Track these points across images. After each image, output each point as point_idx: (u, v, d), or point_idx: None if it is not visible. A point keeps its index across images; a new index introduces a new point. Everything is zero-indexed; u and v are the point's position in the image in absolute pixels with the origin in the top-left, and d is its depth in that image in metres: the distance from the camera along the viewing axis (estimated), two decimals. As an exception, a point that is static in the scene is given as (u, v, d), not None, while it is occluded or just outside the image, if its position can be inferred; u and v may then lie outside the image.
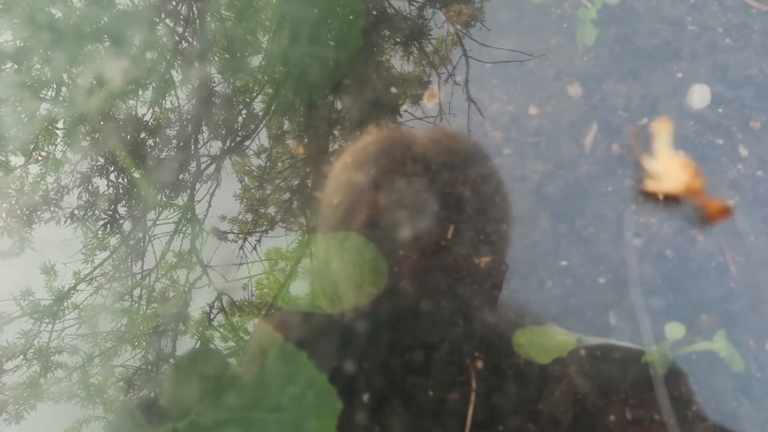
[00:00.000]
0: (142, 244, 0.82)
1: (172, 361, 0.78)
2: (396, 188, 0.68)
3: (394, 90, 0.79)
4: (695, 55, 0.72)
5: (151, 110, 0.84)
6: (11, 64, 0.81)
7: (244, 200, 0.81)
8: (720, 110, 0.70)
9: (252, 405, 0.56)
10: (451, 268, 0.66)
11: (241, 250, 0.80)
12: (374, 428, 0.61)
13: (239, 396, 0.57)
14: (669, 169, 0.66)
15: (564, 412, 0.60)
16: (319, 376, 0.55)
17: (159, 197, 0.81)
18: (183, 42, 0.86)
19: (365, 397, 0.62)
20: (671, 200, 0.66)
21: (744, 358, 0.62)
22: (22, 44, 0.80)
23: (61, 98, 0.82)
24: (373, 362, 0.64)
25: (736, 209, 0.66)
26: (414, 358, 0.64)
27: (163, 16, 0.85)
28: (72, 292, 0.81)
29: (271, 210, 0.81)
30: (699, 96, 0.70)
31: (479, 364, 0.63)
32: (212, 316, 0.79)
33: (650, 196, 0.67)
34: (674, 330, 0.63)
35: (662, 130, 0.68)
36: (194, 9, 0.86)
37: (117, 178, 0.83)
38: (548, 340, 0.62)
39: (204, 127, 0.83)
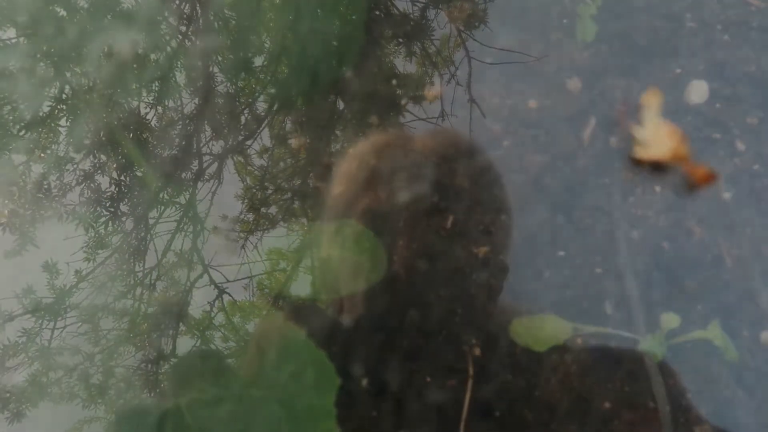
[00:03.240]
0: (144, 242, 0.82)
1: (173, 360, 0.78)
2: (395, 178, 0.68)
3: (395, 87, 0.79)
4: (694, 51, 0.72)
5: (154, 109, 0.85)
6: (14, 61, 0.81)
7: (246, 199, 0.82)
8: (718, 106, 0.70)
9: (252, 382, 0.56)
10: (450, 257, 0.66)
11: (243, 249, 0.80)
12: (372, 413, 0.62)
13: (239, 374, 0.57)
14: (656, 136, 0.67)
15: (560, 399, 0.61)
16: (317, 353, 0.55)
17: (161, 195, 0.82)
18: (186, 40, 0.86)
19: (363, 383, 0.62)
20: (660, 169, 0.67)
21: (738, 348, 0.62)
22: (24, 41, 0.81)
23: (63, 96, 0.82)
24: (372, 348, 0.64)
25: (733, 203, 0.67)
26: (412, 344, 0.64)
27: (166, 14, 0.86)
28: (73, 290, 0.81)
29: (273, 208, 0.81)
30: (697, 91, 0.71)
31: (477, 352, 0.63)
32: (213, 315, 0.79)
33: (639, 164, 0.68)
34: (669, 320, 0.63)
35: (651, 101, 0.68)
36: (197, 7, 0.87)
37: (119, 175, 0.84)
38: (545, 329, 0.63)
39: (206, 125, 0.83)
